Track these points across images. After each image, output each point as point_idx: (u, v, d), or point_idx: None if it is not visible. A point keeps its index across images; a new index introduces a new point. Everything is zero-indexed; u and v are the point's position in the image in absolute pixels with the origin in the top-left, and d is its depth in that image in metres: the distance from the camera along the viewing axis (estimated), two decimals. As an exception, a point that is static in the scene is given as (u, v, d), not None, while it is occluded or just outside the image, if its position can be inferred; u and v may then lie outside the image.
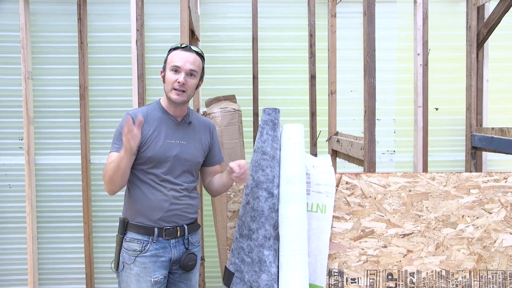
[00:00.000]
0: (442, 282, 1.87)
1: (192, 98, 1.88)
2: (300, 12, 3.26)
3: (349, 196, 1.90)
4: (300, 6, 3.25)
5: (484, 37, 2.97)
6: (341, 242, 1.88)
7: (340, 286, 1.88)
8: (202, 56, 1.82)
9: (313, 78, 3.16)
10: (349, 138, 2.65)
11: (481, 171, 3.11)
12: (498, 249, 1.87)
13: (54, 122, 3.19)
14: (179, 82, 1.72)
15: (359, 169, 2.41)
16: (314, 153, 3.16)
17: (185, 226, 1.81)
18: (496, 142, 2.69)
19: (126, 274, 1.75)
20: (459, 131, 3.31)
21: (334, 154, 3.01)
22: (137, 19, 2.76)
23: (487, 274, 1.88)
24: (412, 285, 1.87)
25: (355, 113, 3.28)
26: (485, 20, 2.99)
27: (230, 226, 2.01)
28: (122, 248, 1.76)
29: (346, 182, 1.90)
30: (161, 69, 1.82)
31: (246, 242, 1.81)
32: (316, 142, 3.18)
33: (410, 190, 1.89)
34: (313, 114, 3.16)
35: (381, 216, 1.88)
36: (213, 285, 3.22)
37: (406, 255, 1.88)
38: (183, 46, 1.78)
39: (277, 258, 1.78)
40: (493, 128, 2.80)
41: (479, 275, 1.88)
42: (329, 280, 1.88)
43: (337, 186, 1.90)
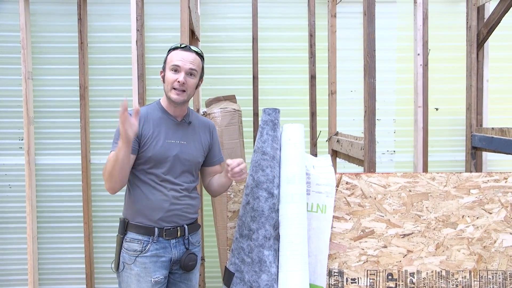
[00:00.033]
0: (442, 282, 1.87)
1: (192, 98, 1.88)
2: (300, 12, 3.26)
3: (349, 196, 1.90)
4: (300, 6, 3.25)
5: (484, 37, 2.97)
6: (341, 242, 1.88)
7: (340, 286, 1.88)
8: (201, 55, 1.82)
9: (313, 78, 3.16)
10: (349, 138, 2.65)
11: (481, 171, 3.11)
12: (498, 249, 1.87)
13: (54, 122, 3.19)
14: (179, 81, 1.72)
15: (359, 169, 2.41)
16: (314, 153, 3.16)
17: (185, 226, 1.81)
18: (496, 142, 2.69)
19: (126, 274, 1.75)
20: (459, 131, 3.31)
21: (334, 154, 3.01)
22: (137, 19, 2.77)
23: (487, 274, 1.88)
24: (412, 285, 1.87)
25: (355, 113, 3.28)
26: (485, 20, 2.99)
27: (230, 226, 2.01)
28: (123, 248, 1.76)
29: (346, 182, 1.90)
30: (161, 69, 1.82)
31: (246, 242, 1.81)
32: (316, 142, 3.18)
33: (410, 190, 1.89)
34: (313, 114, 3.17)
35: (381, 216, 1.88)
36: (213, 285, 3.22)
37: (406, 255, 1.88)
38: (183, 46, 1.78)
39: (277, 258, 1.78)
40: (493, 128, 2.80)
41: (479, 275, 1.88)
42: (329, 280, 1.88)
43: (337, 186, 1.90)
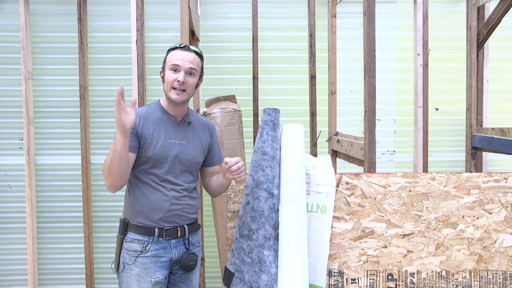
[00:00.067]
0: (442, 283, 1.87)
1: (192, 98, 1.88)
2: (300, 12, 3.26)
3: (349, 196, 1.90)
4: (300, 7, 3.25)
5: (484, 37, 2.97)
6: (341, 242, 1.88)
7: (340, 286, 1.88)
8: (201, 55, 1.82)
9: (313, 78, 3.16)
10: (349, 138, 2.65)
11: (481, 171, 3.11)
12: (498, 249, 1.87)
13: (54, 122, 3.19)
14: (179, 81, 1.72)
15: (359, 169, 2.41)
16: (314, 153, 3.16)
17: (185, 226, 1.81)
18: (496, 142, 2.69)
19: (126, 274, 1.75)
20: (459, 131, 3.31)
21: (334, 154, 3.01)
22: (137, 20, 2.77)
23: (487, 275, 1.88)
24: (412, 285, 1.87)
25: (355, 113, 3.28)
26: (485, 20, 2.99)
27: (230, 226, 2.01)
28: (123, 248, 1.76)
29: (346, 182, 1.90)
30: (160, 69, 1.82)
31: (246, 243, 1.81)
32: (316, 142, 3.18)
33: (410, 191, 1.89)
34: (313, 114, 3.16)
35: (381, 216, 1.88)
36: (213, 285, 3.22)
37: (406, 256, 1.88)
38: (182, 46, 1.78)
39: (277, 258, 1.78)
40: (493, 128, 2.80)
41: (479, 276, 1.88)
42: (329, 280, 1.88)
43: (337, 186, 1.90)
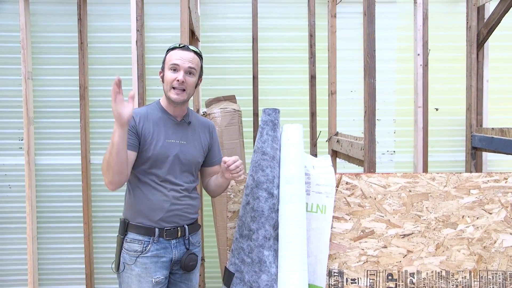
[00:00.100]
0: (442, 283, 1.87)
1: (192, 98, 1.88)
2: (300, 12, 3.26)
3: (349, 196, 1.90)
4: (300, 7, 3.25)
5: (484, 37, 2.97)
6: (341, 242, 1.88)
7: (340, 286, 1.88)
8: (200, 55, 1.82)
9: (313, 78, 3.16)
10: (349, 139, 2.65)
11: (481, 172, 3.11)
12: (498, 249, 1.87)
13: (54, 123, 3.19)
14: (178, 80, 1.72)
15: (359, 169, 2.41)
16: (314, 153, 3.16)
17: (185, 226, 1.81)
18: (496, 142, 2.69)
19: (127, 275, 1.75)
20: (459, 132, 3.31)
21: (334, 154, 3.01)
22: (137, 20, 2.77)
23: (487, 275, 1.88)
24: (412, 285, 1.87)
25: (355, 113, 3.28)
26: (485, 20, 2.99)
27: (230, 226, 2.01)
28: (123, 248, 1.76)
29: (346, 183, 1.90)
30: (160, 69, 1.82)
31: (246, 243, 1.81)
32: (316, 142, 3.18)
33: (410, 191, 1.89)
34: (313, 114, 3.17)
35: (381, 216, 1.88)
36: (213, 285, 3.22)
37: (406, 256, 1.88)
38: (181, 46, 1.78)
39: (277, 258, 1.78)
40: (493, 128, 2.80)
41: (479, 276, 1.88)
42: (329, 280, 1.88)
43: (337, 186, 1.90)
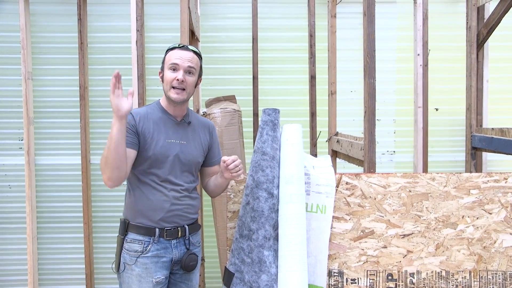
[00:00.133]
0: (442, 283, 1.87)
1: (192, 99, 1.88)
2: (300, 12, 3.26)
3: (349, 196, 1.90)
4: (300, 7, 3.25)
5: (484, 37, 2.97)
6: (341, 242, 1.88)
7: (340, 286, 1.88)
8: (199, 55, 1.82)
9: (313, 78, 3.16)
10: (349, 139, 2.65)
11: (481, 172, 3.11)
12: (498, 249, 1.87)
13: (54, 123, 3.19)
14: (178, 79, 1.72)
15: (359, 169, 2.41)
16: (314, 153, 3.16)
17: (186, 226, 1.81)
18: (496, 142, 2.69)
19: (127, 275, 1.75)
20: (459, 132, 3.31)
21: (334, 154, 3.01)
22: (137, 20, 2.77)
23: (487, 275, 1.88)
24: (412, 285, 1.87)
25: (355, 113, 3.28)
26: (485, 20, 2.99)
27: (230, 226, 2.01)
28: (123, 249, 1.76)
29: (346, 183, 1.90)
30: (159, 69, 1.83)
31: (246, 243, 1.81)
32: (316, 142, 3.18)
33: (410, 191, 1.89)
34: (313, 114, 3.17)
35: (381, 216, 1.88)
36: (213, 285, 3.22)
37: (406, 256, 1.88)
38: (180, 46, 1.79)
39: (277, 258, 1.78)
40: (493, 128, 2.80)
41: (479, 276, 1.88)
42: (329, 280, 1.88)
43: (337, 186, 1.90)
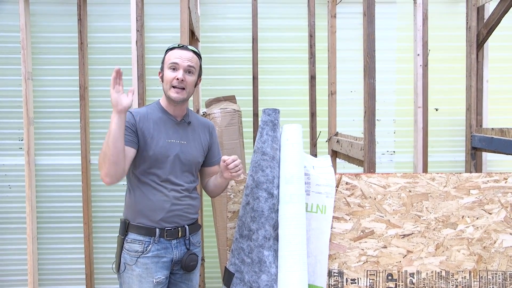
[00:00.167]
0: (442, 283, 1.87)
1: (192, 99, 1.88)
2: (300, 12, 3.26)
3: (349, 196, 1.90)
4: (300, 7, 3.25)
5: (484, 37, 2.97)
6: (341, 242, 1.88)
7: (340, 286, 1.88)
8: (199, 54, 1.83)
9: (313, 78, 3.16)
10: (349, 139, 2.65)
11: (481, 172, 3.11)
12: (498, 249, 1.87)
13: (54, 123, 3.20)
14: (178, 78, 1.72)
15: (359, 169, 2.41)
16: (314, 153, 3.16)
17: (186, 226, 1.81)
18: (496, 142, 2.69)
19: (127, 275, 1.75)
20: (459, 132, 3.31)
21: (334, 154, 3.01)
22: (137, 20, 2.77)
23: (487, 275, 1.88)
24: (412, 285, 1.87)
25: (355, 113, 3.28)
26: (485, 20, 2.99)
27: (230, 226, 2.01)
28: (123, 249, 1.76)
29: (346, 183, 1.90)
30: (159, 70, 1.83)
31: (246, 243, 1.81)
32: (316, 142, 3.18)
33: (410, 191, 1.89)
34: (313, 114, 3.17)
35: (381, 216, 1.88)
36: (213, 285, 3.22)
37: (406, 256, 1.88)
38: (180, 46, 1.79)
39: (277, 258, 1.78)
40: (493, 128, 2.80)
41: (479, 276, 1.88)
42: (329, 280, 1.88)
43: (337, 186, 1.90)
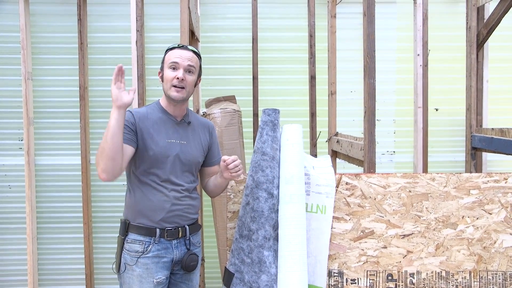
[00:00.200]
0: (442, 283, 1.87)
1: (192, 99, 1.88)
2: (300, 12, 3.26)
3: (349, 196, 1.90)
4: (300, 7, 3.25)
5: (484, 37, 2.97)
6: (341, 242, 1.88)
7: (340, 286, 1.88)
8: (198, 55, 1.83)
9: (313, 78, 3.16)
10: (349, 139, 2.65)
11: (481, 172, 3.11)
12: (498, 249, 1.87)
13: (54, 123, 3.19)
14: (178, 78, 1.72)
15: (359, 169, 2.41)
16: (314, 153, 3.16)
17: (186, 226, 1.81)
18: (496, 142, 2.69)
19: (128, 275, 1.75)
20: (459, 132, 3.31)
21: (334, 154, 3.01)
22: (137, 20, 2.77)
23: (487, 275, 1.88)
24: (412, 285, 1.87)
25: (355, 113, 3.28)
26: (485, 20, 2.99)
27: (230, 226, 2.00)
28: (124, 249, 1.76)
29: (346, 183, 1.90)
30: (159, 69, 1.83)
31: (246, 243, 1.81)
32: (316, 142, 3.18)
33: (410, 191, 1.89)
34: (313, 114, 3.17)
35: (381, 216, 1.88)
36: (213, 285, 3.22)
37: (406, 256, 1.88)
38: (180, 46, 1.79)
39: (277, 258, 1.78)
40: (493, 128, 2.80)
41: (479, 276, 1.88)
42: (329, 280, 1.88)
43: (337, 186, 1.90)
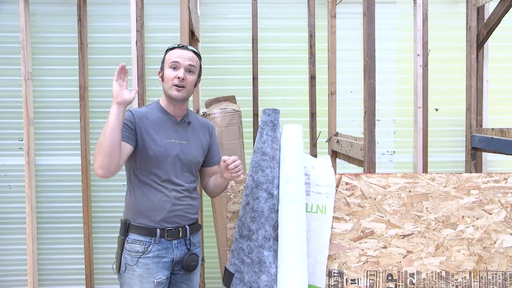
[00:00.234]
0: (442, 283, 1.87)
1: (192, 99, 1.88)
2: (300, 13, 3.26)
3: (349, 196, 1.89)
4: (300, 7, 3.25)
5: (484, 37, 2.97)
6: (341, 242, 1.88)
7: (340, 286, 1.88)
8: (199, 55, 1.84)
9: (313, 78, 3.16)
10: (349, 139, 2.65)
11: (481, 172, 3.11)
12: (498, 250, 1.87)
13: (54, 123, 3.20)
14: (179, 77, 1.73)
15: (359, 169, 2.41)
16: (314, 154, 3.16)
17: (187, 226, 1.81)
18: (496, 142, 2.69)
19: (128, 275, 1.75)
20: (459, 132, 3.31)
21: (334, 154, 3.01)
22: (137, 20, 2.77)
23: (487, 275, 1.88)
24: (412, 285, 1.87)
25: (355, 113, 3.28)
26: (485, 20, 2.99)
27: (230, 227, 2.00)
28: (124, 249, 1.76)
29: (346, 183, 1.90)
30: (159, 69, 1.83)
31: (246, 243, 1.81)
32: (316, 142, 3.18)
33: (410, 191, 1.89)
34: (313, 114, 3.17)
35: (381, 216, 1.88)
36: (213, 285, 3.22)
37: (406, 256, 1.88)
38: (180, 46, 1.80)
39: (276, 259, 1.78)
40: (493, 128, 2.80)
41: (479, 276, 1.87)
42: (328, 280, 1.88)
43: (337, 186, 1.90)
